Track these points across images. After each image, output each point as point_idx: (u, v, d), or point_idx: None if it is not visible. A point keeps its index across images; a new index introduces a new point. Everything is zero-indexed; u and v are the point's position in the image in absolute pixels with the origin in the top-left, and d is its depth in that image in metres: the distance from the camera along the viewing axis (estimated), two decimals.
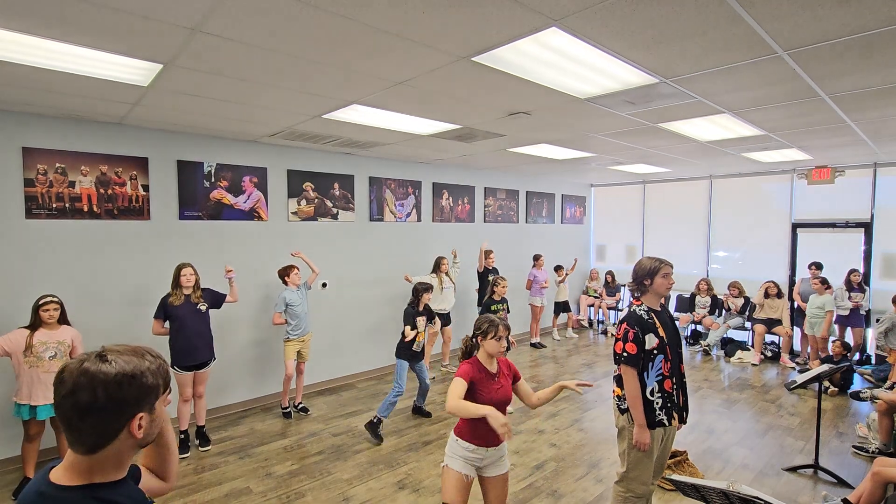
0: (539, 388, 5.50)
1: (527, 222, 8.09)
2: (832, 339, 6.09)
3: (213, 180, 4.55)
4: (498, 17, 1.99)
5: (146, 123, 4.00)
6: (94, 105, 3.40)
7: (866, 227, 6.42)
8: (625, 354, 2.45)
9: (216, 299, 4.03)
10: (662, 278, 2.49)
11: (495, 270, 6.34)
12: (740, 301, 7.05)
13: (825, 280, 6.06)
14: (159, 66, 2.60)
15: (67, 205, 3.81)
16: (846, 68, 2.61)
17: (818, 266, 6.31)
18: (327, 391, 5.40)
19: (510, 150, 5.26)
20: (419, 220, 6.43)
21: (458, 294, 6.28)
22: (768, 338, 6.71)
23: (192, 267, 3.88)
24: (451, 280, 5.95)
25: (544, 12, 1.95)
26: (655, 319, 2.49)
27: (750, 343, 6.93)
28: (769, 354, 6.68)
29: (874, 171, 6.30)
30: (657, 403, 2.45)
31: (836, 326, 6.19)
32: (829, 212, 6.72)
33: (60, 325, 3.33)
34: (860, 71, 2.65)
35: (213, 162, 4.55)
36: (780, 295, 6.60)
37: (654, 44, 2.26)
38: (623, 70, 2.63)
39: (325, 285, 5.42)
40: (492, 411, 1.98)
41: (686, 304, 7.67)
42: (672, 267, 2.54)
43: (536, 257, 7.44)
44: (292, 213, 5.14)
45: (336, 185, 5.50)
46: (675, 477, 1.97)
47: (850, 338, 6.19)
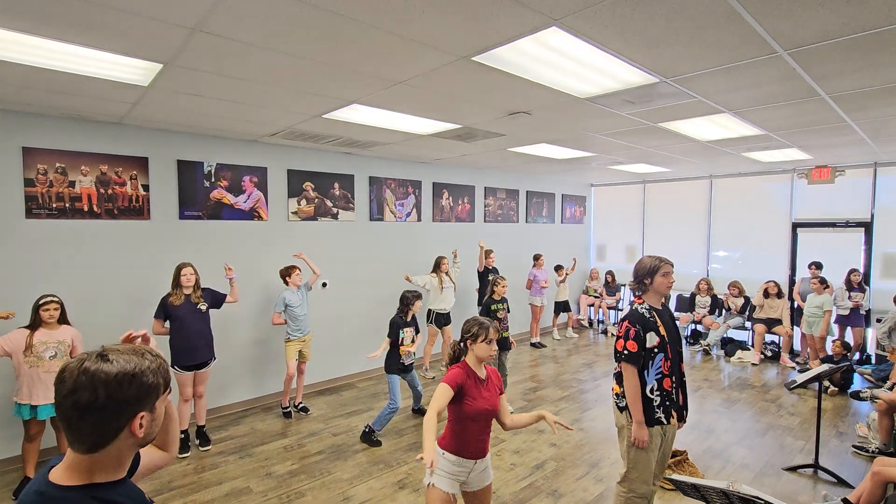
0: (539, 388, 5.53)
1: (527, 222, 8.09)
2: (832, 338, 6.09)
3: (213, 180, 4.55)
4: (498, 16, 1.99)
5: (146, 123, 4.00)
6: (94, 105, 3.40)
7: (866, 226, 6.42)
8: (626, 352, 2.46)
9: (216, 299, 4.04)
10: (663, 277, 2.50)
11: (495, 270, 6.35)
12: (740, 301, 7.05)
13: (824, 280, 6.06)
14: (159, 66, 2.60)
15: (67, 205, 3.81)
16: (846, 68, 2.61)
17: (818, 266, 6.31)
18: (327, 391, 5.40)
19: (510, 149, 5.26)
20: (419, 219, 6.43)
21: (457, 294, 6.28)
22: (768, 337, 6.71)
23: (193, 267, 3.88)
24: (451, 280, 5.96)
25: (544, 12, 1.95)
26: (657, 318, 2.50)
27: (750, 343, 6.93)
28: (769, 354, 6.68)
29: (874, 171, 6.30)
30: (656, 402, 2.46)
31: (836, 326, 6.20)
32: (830, 211, 6.72)
33: (60, 325, 3.33)
34: (860, 71, 2.65)
35: (213, 161, 4.55)
36: (780, 295, 6.61)
37: (654, 43, 2.26)
38: (623, 70, 2.63)
39: (325, 285, 5.42)
40: (432, 448, 1.83)
41: (686, 304, 7.67)
42: (672, 266, 2.55)
43: (536, 257, 7.44)
44: (292, 212, 5.14)
45: (336, 185, 5.50)
46: (676, 477, 1.97)
47: (850, 337, 6.20)
